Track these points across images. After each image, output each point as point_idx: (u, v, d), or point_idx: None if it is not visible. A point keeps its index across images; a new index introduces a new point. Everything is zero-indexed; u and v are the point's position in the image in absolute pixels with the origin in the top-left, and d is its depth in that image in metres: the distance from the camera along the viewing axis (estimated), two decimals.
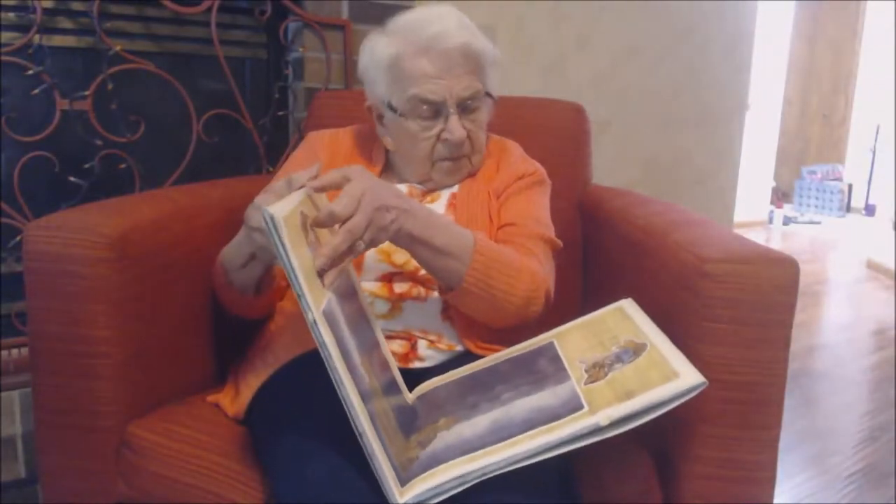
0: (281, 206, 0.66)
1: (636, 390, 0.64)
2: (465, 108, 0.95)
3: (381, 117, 1.02)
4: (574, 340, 0.80)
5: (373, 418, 0.65)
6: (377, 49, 0.96)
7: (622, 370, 0.69)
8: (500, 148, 1.10)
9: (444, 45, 0.92)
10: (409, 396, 0.82)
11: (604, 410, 0.63)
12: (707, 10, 2.35)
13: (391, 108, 0.97)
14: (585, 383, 0.69)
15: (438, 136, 0.96)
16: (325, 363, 0.63)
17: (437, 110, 0.94)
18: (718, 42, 2.41)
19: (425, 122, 0.95)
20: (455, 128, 0.94)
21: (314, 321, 0.62)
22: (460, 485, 0.63)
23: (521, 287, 0.87)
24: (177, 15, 1.42)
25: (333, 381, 0.63)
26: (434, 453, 0.67)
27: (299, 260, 0.64)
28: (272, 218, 0.63)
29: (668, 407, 0.63)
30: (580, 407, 0.65)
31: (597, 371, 0.71)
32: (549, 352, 0.80)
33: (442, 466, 0.64)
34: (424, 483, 0.63)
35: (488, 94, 0.99)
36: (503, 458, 0.63)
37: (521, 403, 0.70)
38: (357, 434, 0.62)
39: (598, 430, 0.62)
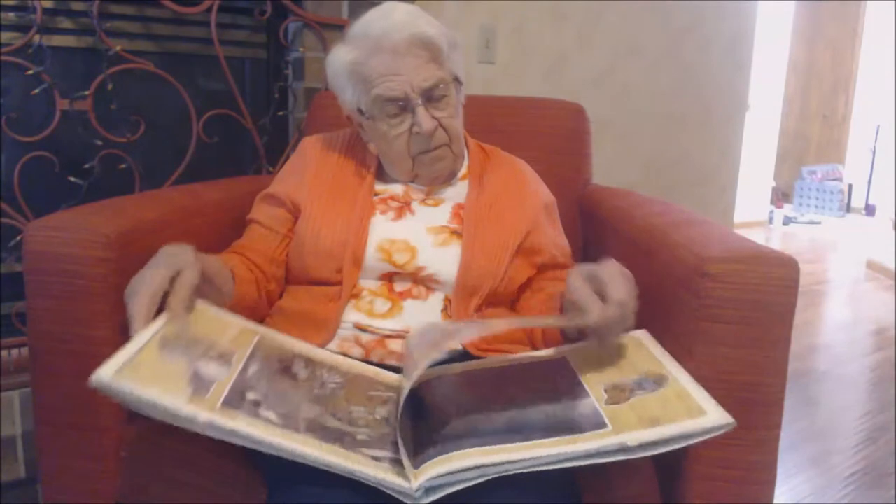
0: (120, 357, 0.63)
1: (662, 419, 0.64)
2: (431, 97, 0.94)
3: (359, 124, 1.02)
4: (589, 360, 0.81)
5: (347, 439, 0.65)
6: (337, 59, 0.97)
7: (644, 397, 0.69)
8: (510, 164, 1.11)
9: (392, 40, 0.91)
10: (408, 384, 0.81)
11: (631, 433, 0.63)
12: (707, 9, 2.35)
13: (362, 112, 0.97)
14: (606, 403, 0.69)
15: (410, 131, 0.96)
16: (256, 445, 0.61)
17: (403, 106, 0.94)
18: (718, 42, 2.41)
19: (394, 120, 0.95)
20: (423, 119, 0.93)
21: (209, 422, 0.60)
22: (479, 476, 0.62)
23: None
24: (177, 15, 1.42)
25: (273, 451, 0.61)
26: (448, 438, 0.66)
27: (166, 393, 0.61)
28: (103, 384, 0.60)
29: (691, 441, 0.63)
30: (603, 425, 0.66)
31: (618, 393, 0.71)
32: (562, 367, 0.80)
33: (458, 453, 0.64)
34: (439, 466, 0.62)
35: (455, 79, 0.98)
36: (527, 458, 0.62)
37: (539, 409, 0.70)
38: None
39: (624, 449, 0.62)
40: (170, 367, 0.65)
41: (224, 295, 0.88)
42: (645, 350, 0.79)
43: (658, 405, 0.67)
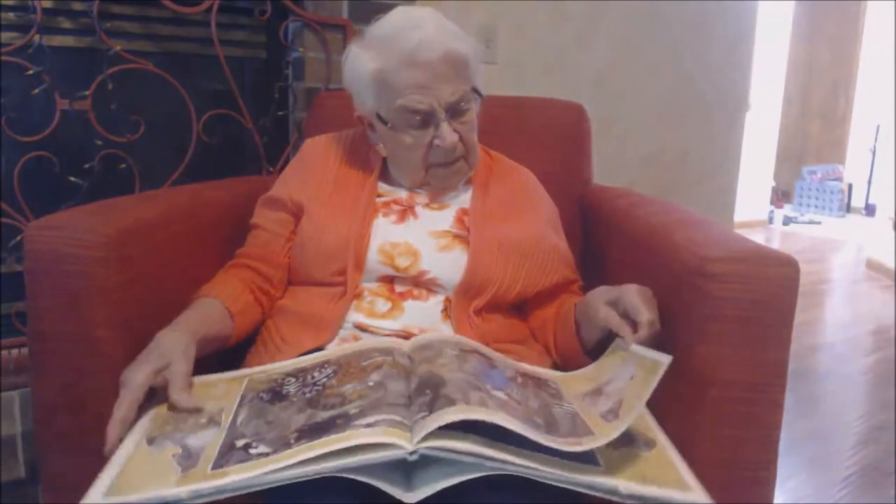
0: (107, 475, 0.63)
1: (651, 479, 0.66)
2: (455, 111, 0.94)
3: (371, 126, 1.01)
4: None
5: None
6: (359, 64, 0.95)
7: (635, 452, 0.71)
8: (515, 173, 1.11)
9: (426, 55, 0.90)
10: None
11: (626, 482, 0.64)
12: (707, 10, 2.34)
13: (381, 119, 0.96)
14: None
15: (430, 143, 0.95)
16: (250, 487, 0.61)
17: (426, 119, 0.93)
18: (718, 42, 2.41)
19: (416, 132, 0.94)
20: (446, 134, 0.93)
21: (192, 493, 0.60)
22: (474, 464, 0.62)
23: None
24: (177, 15, 1.42)
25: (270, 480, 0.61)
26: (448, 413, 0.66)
27: (153, 488, 0.61)
28: None
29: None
30: (595, 462, 0.66)
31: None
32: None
33: (460, 434, 0.63)
34: (440, 441, 0.62)
35: (476, 92, 0.98)
36: (526, 466, 0.62)
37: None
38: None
39: (614, 493, 0.63)
40: (158, 459, 0.66)
41: (225, 338, 0.91)
42: (621, 350, 0.80)
43: (646, 465, 0.68)
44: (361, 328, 0.91)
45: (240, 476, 0.61)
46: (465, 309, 0.94)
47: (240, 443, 0.66)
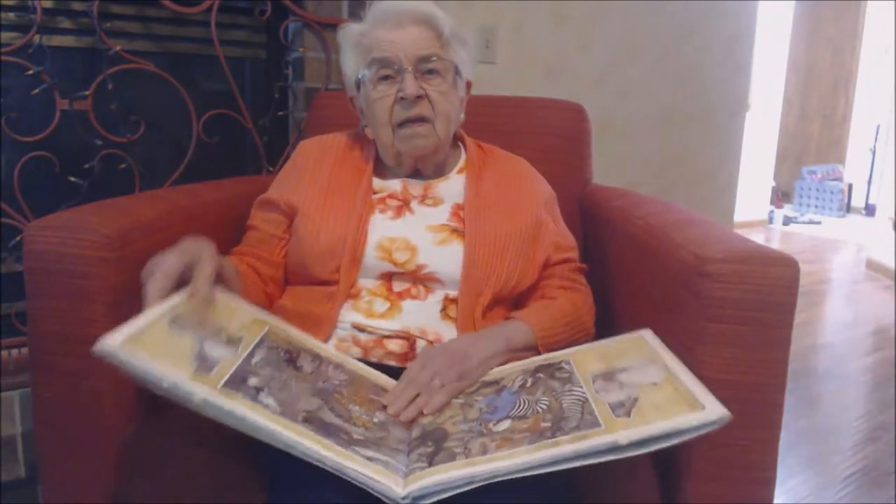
0: (128, 328, 0.63)
1: (655, 417, 0.64)
2: (423, 69, 0.96)
3: (360, 110, 1.04)
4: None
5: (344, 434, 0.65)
6: (348, 29, 1.02)
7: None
8: (509, 161, 1.11)
9: (395, 10, 0.97)
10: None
11: (623, 430, 0.63)
12: (707, 9, 2.35)
13: (359, 85, 1.00)
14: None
15: (396, 97, 0.96)
16: (250, 430, 0.62)
17: (395, 71, 0.96)
18: (718, 42, 2.41)
19: (382, 84, 0.97)
20: (408, 83, 0.95)
21: (205, 400, 0.61)
22: (468, 484, 0.63)
23: (587, 323, 1.02)
24: (177, 15, 1.42)
25: (265, 437, 0.62)
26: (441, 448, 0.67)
27: (169, 367, 0.62)
28: (108, 353, 0.60)
29: (687, 436, 0.63)
30: (597, 424, 0.66)
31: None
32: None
33: (445, 465, 0.64)
34: (427, 479, 0.62)
35: (455, 69, 0.99)
36: (517, 464, 0.62)
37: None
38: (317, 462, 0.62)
39: (616, 448, 0.62)
40: (176, 342, 0.66)
41: (233, 292, 0.89)
42: (646, 347, 0.79)
43: (650, 405, 0.67)
44: (360, 328, 0.91)
45: (247, 412, 0.62)
46: (471, 309, 0.93)
47: (252, 381, 0.67)
